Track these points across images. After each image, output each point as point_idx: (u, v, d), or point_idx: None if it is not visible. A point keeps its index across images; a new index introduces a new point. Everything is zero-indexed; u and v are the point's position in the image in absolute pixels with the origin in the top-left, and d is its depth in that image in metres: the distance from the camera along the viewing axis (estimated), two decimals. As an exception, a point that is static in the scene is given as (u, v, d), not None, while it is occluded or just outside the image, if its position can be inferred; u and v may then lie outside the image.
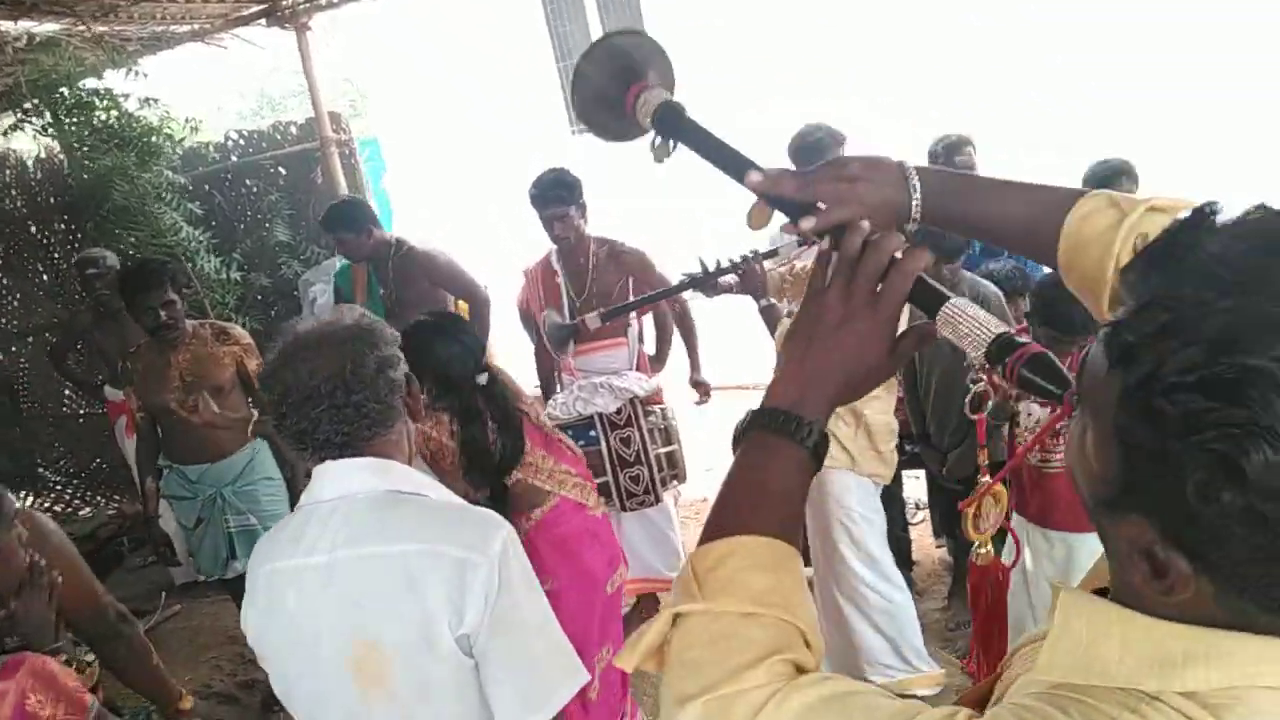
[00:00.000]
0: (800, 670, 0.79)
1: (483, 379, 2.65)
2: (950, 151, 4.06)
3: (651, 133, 1.21)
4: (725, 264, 3.21)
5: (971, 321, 0.89)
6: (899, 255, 0.90)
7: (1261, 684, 0.68)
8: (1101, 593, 0.78)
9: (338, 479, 1.57)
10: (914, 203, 1.04)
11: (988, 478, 2.55)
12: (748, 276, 3.19)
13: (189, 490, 3.76)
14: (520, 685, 1.49)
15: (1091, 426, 0.73)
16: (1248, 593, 0.68)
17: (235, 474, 3.76)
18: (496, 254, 4.70)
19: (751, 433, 0.91)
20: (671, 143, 1.18)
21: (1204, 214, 0.70)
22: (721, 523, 0.86)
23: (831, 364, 0.90)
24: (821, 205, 0.99)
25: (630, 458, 3.81)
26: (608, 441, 3.80)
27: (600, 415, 3.81)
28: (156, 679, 2.52)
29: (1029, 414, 2.85)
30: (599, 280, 3.91)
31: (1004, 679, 0.88)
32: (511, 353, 5.11)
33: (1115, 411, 0.69)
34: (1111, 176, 3.59)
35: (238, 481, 3.76)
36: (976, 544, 0.98)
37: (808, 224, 0.98)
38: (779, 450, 0.88)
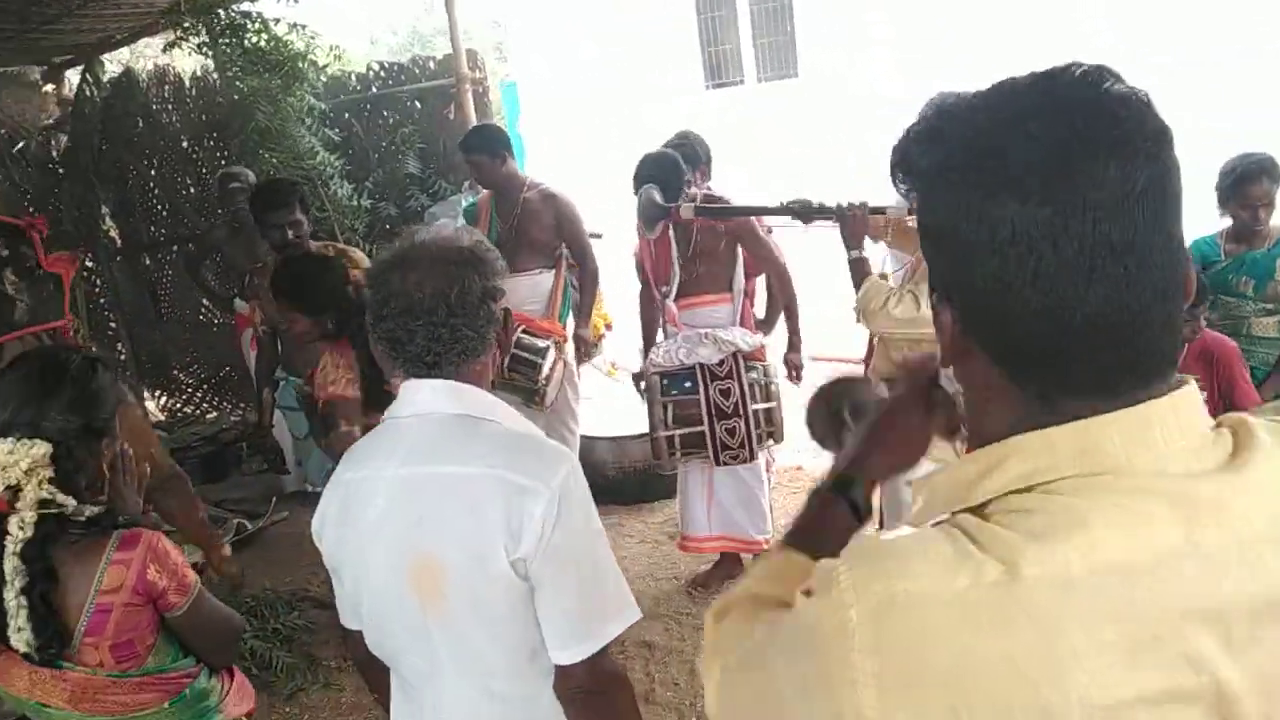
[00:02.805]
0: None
1: None
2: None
3: None
4: (830, 205, 3.23)
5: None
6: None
7: (1029, 484, 0.76)
8: None
9: (416, 397, 1.60)
10: None
11: None
12: (847, 223, 3.19)
13: (302, 403, 3.94)
14: (571, 615, 1.51)
15: None
16: (992, 333, 0.79)
17: (346, 390, 3.91)
18: (622, 202, 4.74)
19: (828, 489, 1.11)
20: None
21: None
22: (787, 540, 1.07)
23: (889, 446, 1.13)
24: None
25: (728, 410, 3.81)
26: (707, 392, 3.82)
27: (701, 365, 3.83)
28: (202, 525, 2.84)
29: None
30: (704, 235, 3.93)
31: None
32: (628, 303, 5.15)
33: None
34: (1254, 174, 3.37)
35: (348, 397, 3.91)
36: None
37: None
38: (830, 503, 1.10)
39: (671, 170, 3.78)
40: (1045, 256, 0.72)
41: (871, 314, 3.02)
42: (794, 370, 4.14)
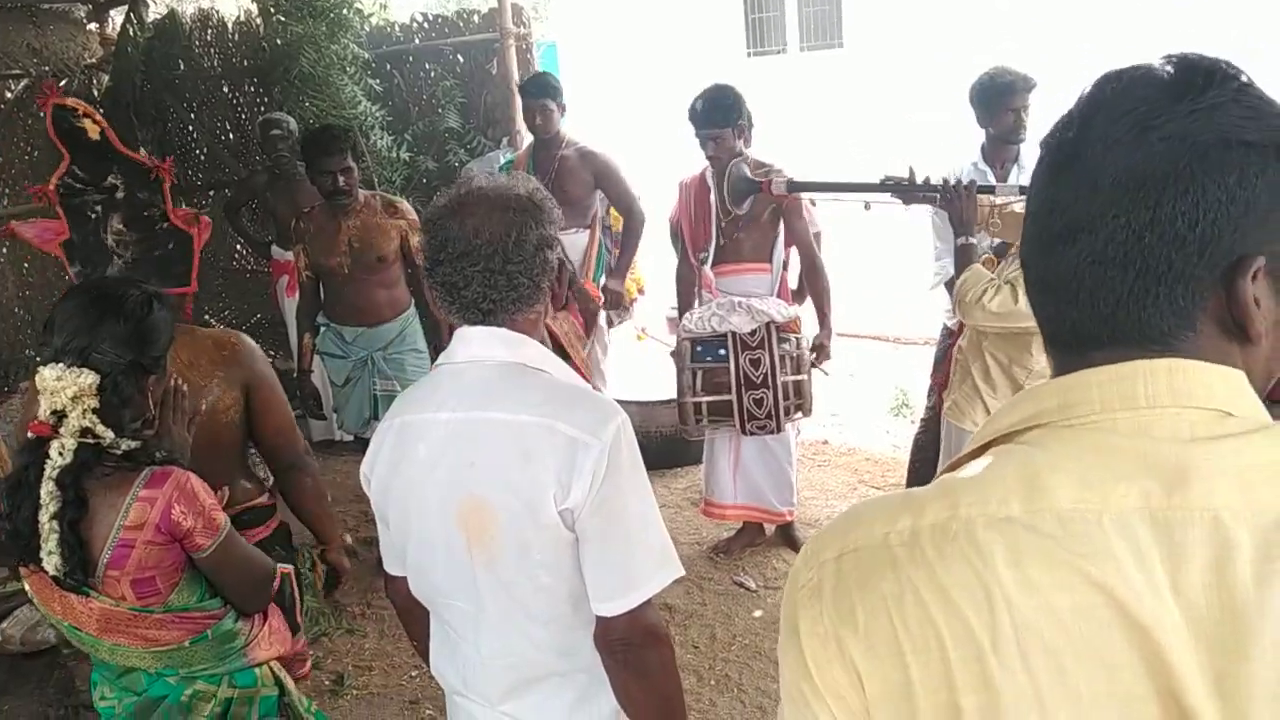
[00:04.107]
0: None
1: None
2: None
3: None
4: (936, 181, 3.08)
5: None
6: None
7: (1002, 434, 0.80)
8: None
9: (472, 344, 1.60)
10: None
11: None
12: (954, 204, 3.00)
13: (342, 350, 3.98)
14: (614, 567, 1.53)
15: None
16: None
17: (387, 340, 3.96)
18: (657, 169, 4.71)
19: None
20: None
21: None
22: None
23: None
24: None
25: (757, 380, 3.80)
26: (737, 361, 3.80)
27: (733, 334, 3.81)
28: (325, 515, 2.63)
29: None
30: (750, 205, 3.88)
31: None
32: (660, 269, 5.15)
33: None
34: None
35: (389, 348, 3.95)
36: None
37: None
38: None
39: (734, 99, 3.75)
40: (1035, 204, 0.81)
41: (967, 306, 2.89)
42: (821, 352, 4.04)
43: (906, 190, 3.12)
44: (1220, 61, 0.75)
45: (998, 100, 3.77)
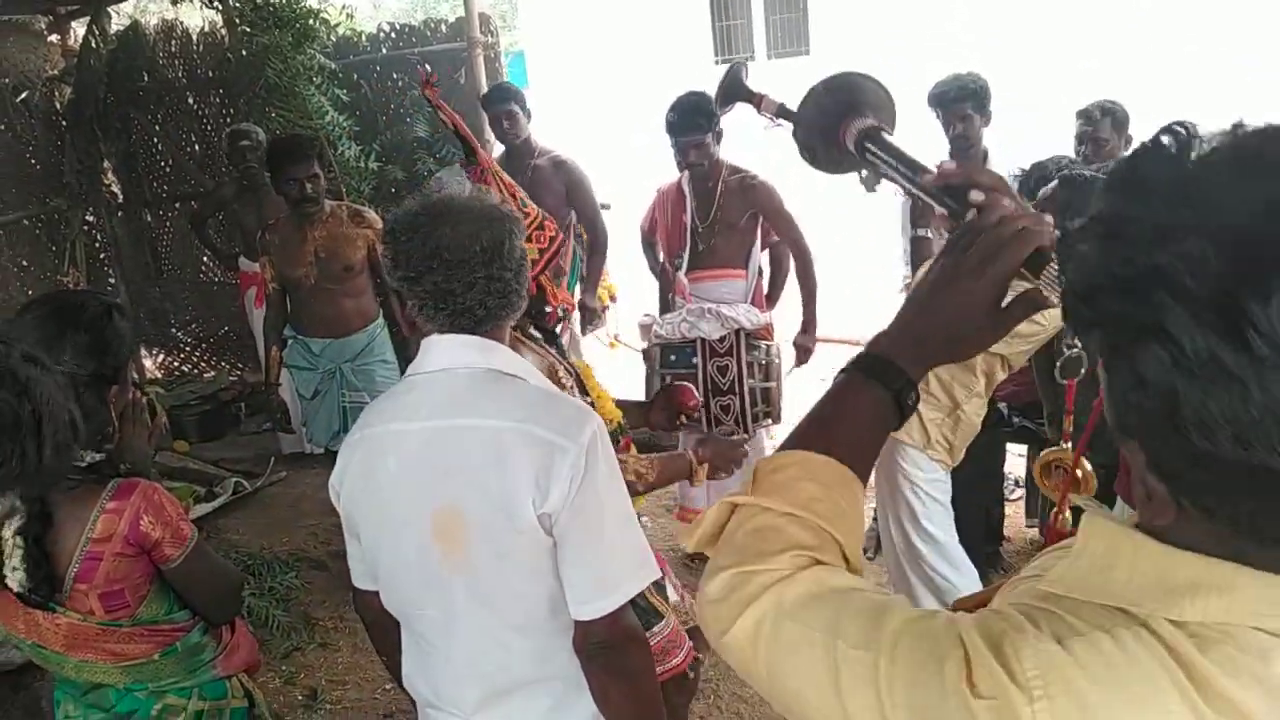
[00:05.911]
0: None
1: None
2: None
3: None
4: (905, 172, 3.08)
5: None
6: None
7: (1257, 624, 0.65)
8: None
9: (444, 352, 1.59)
10: None
11: (1069, 444, 2.56)
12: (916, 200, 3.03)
13: (310, 362, 3.94)
14: (593, 570, 1.53)
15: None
16: (1225, 519, 0.66)
17: (356, 352, 3.92)
18: (626, 176, 4.71)
19: (847, 372, 0.95)
20: (878, 175, 1.29)
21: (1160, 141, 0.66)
22: (794, 440, 0.93)
23: (935, 322, 0.92)
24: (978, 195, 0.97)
25: (724, 386, 3.81)
26: (705, 367, 3.81)
27: (702, 340, 3.81)
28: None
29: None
30: (725, 208, 3.90)
31: (1004, 590, 0.90)
32: (632, 276, 5.15)
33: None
34: None
35: (357, 359, 3.92)
36: (1054, 508, 0.98)
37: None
38: (866, 390, 0.92)
39: (710, 104, 3.70)
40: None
41: None
42: (804, 354, 4.07)
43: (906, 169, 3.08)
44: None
45: (940, 109, 3.83)
